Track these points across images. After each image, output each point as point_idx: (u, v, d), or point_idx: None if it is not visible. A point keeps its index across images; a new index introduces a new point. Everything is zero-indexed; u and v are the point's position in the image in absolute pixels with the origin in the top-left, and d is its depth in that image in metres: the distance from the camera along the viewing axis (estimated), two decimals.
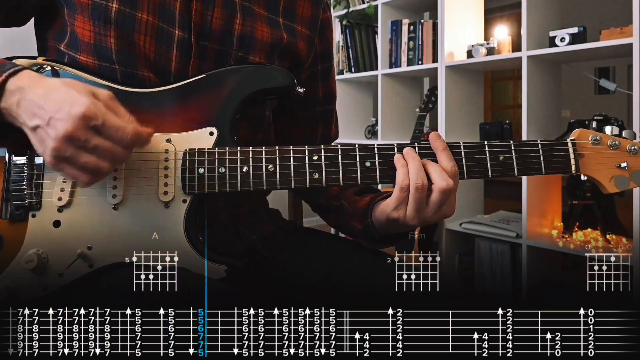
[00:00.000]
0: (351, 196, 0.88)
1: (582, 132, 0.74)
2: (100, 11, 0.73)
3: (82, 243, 0.68)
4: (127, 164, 0.70)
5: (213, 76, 0.74)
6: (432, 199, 0.70)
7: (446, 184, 0.69)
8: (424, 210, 0.71)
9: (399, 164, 0.71)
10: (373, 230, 0.79)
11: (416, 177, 0.69)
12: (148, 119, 0.71)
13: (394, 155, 0.72)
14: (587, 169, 0.74)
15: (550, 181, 2.36)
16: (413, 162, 0.70)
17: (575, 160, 0.73)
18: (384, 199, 0.78)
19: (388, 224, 0.75)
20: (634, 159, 0.74)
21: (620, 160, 0.74)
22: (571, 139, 0.74)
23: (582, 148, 0.74)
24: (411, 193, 0.70)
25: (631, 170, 0.74)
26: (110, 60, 0.74)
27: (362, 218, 0.81)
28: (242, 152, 0.71)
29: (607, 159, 0.74)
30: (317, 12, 0.91)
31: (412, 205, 0.70)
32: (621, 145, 0.74)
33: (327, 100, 0.98)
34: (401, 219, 0.72)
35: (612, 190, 0.74)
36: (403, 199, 0.71)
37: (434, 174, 0.70)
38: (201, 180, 0.70)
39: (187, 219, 0.70)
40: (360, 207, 0.84)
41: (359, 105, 3.28)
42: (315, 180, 0.71)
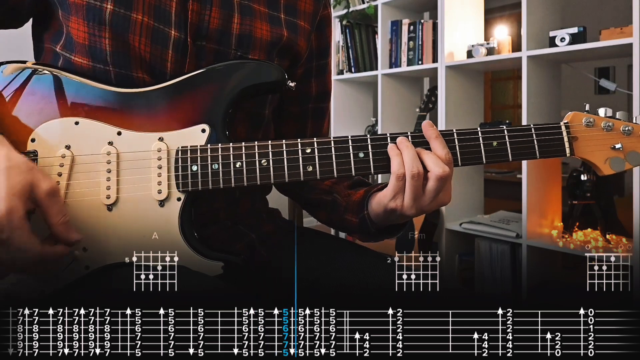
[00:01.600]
0: (344, 190, 0.87)
1: (576, 114, 0.74)
2: (94, 12, 0.72)
3: (77, 245, 0.68)
4: (121, 164, 0.70)
5: (203, 74, 0.74)
6: (428, 186, 0.70)
7: (442, 170, 0.69)
8: (421, 199, 0.71)
9: (393, 153, 0.71)
10: (369, 223, 0.79)
11: (411, 165, 0.69)
12: (140, 119, 0.71)
13: (387, 145, 0.72)
14: (582, 151, 0.74)
15: (551, 181, 2.36)
16: (407, 150, 0.70)
17: (569, 143, 0.73)
18: (379, 190, 0.78)
19: (385, 215, 0.75)
20: (628, 139, 0.73)
21: (614, 141, 0.73)
22: (564, 121, 0.74)
23: (575, 130, 0.74)
24: (407, 181, 0.70)
25: (626, 151, 0.73)
26: (104, 62, 0.74)
27: (358, 211, 0.81)
28: (234, 148, 0.71)
29: (601, 141, 0.73)
30: (318, 7, 0.91)
31: (409, 194, 0.70)
32: (615, 127, 0.74)
33: (321, 97, 0.97)
34: (399, 208, 0.72)
35: (608, 171, 0.73)
36: (400, 188, 0.71)
37: (429, 162, 0.70)
38: (195, 177, 0.70)
39: (182, 216, 0.70)
40: (354, 200, 0.83)
41: (359, 105, 3.28)
42: (309, 173, 0.71)
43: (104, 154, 0.70)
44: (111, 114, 0.72)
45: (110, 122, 0.71)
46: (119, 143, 0.71)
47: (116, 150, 0.70)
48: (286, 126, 0.97)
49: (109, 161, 0.70)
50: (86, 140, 0.70)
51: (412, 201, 0.71)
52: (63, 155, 0.70)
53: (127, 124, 0.71)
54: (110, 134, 0.71)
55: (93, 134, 0.71)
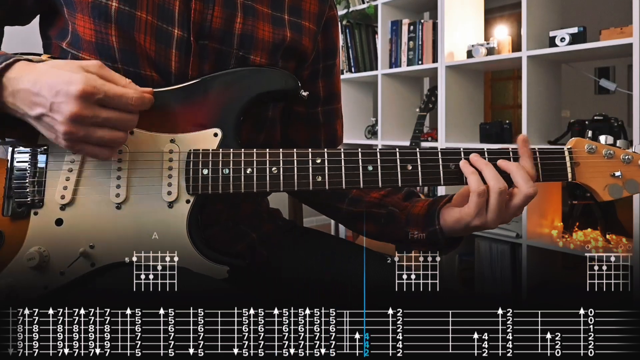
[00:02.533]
0: (399, 202, 0.87)
1: (579, 140, 0.76)
2: (100, 10, 0.73)
3: (84, 242, 0.68)
4: (131, 163, 0.70)
5: (218, 77, 0.74)
6: (514, 202, 0.72)
7: (533, 190, 0.71)
8: (504, 214, 0.73)
9: (468, 171, 0.72)
10: (440, 237, 0.79)
11: (496, 182, 0.71)
12: (153, 119, 0.71)
13: (395, 159, 0.73)
14: (583, 177, 0.76)
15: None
16: (488, 168, 0.72)
17: (571, 168, 0.75)
18: (446, 203, 0.79)
19: (466, 231, 0.76)
20: (627, 168, 0.75)
21: (614, 169, 0.75)
22: (568, 147, 0.76)
23: (578, 156, 0.76)
24: (493, 198, 0.71)
25: (625, 179, 0.75)
26: (112, 59, 0.74)
27: (425, 225, 0.81)
28: (246, 154, 0.71)
29: (602, 168, 0.76)
30: (323, 8, 0.90)
31: (494, 210, 0.72)
32: (615, 155, 0.76)
33: (330, 99, 0.96)
34: (483, 224, 0.73)
35: (606, 198, 0.75)
36: (482, 204, 0.72)
37: (519, 179, 0.71)
38: (205, 181, 0.70)
39: (190, 219, 0.70)
40: (416, 213, 0.83)
41: (359, 105, 3.28)
42: (318, 183, 0.71)
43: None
44: None
45: None
46: (130, 142, 0.71)
47: (127, 149, 0.70)
48: (296, 130, 0.95)
49: (120, 160, 0.70)
50: None
51: (496, 217, 0.72)
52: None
53: (139, 123, 0.71)
54: None
55: None
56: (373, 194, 0.90)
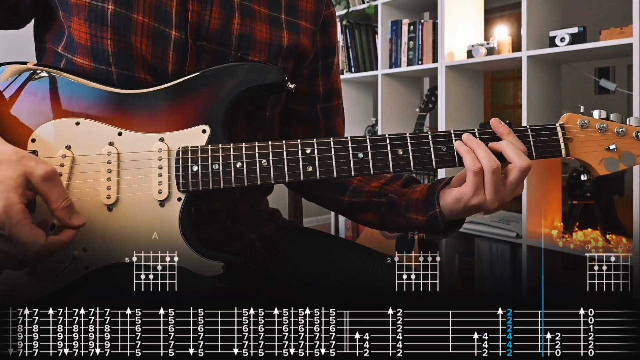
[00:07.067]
0: (399, 189, 0.87)
1: (571, 116, 0.76)
2: (96, 13, 0.72)
3: (77, 245, 0.68)
4: (121, 164, 0.70)
5: (204, 75, 0.74)
6: (510, 179, 0.72)
7: (526, 163, 0.71)
8: (502, 191, 0.73)
9: (463, 150, 0.72)
10: (440, 220, 0.79)
11: (489, 160, 0.71)
12: (140, 119, 0.71)
13: (385, 146, 0.73)
14: (577, 152, 0.75)
15: (550, 181, 2.36)
16: (480, 146, 0.72)
17: (564, 144, 0.75)
18: (445, 186, 0.79)
19: (465, 211, 0.76)
20: (622, 140, 0.75)
21: (609, 142, 0.75)
22: (560, 123, 0.75)
23: (571, 132, 0.75)
24: (487, 177, 0.71)
25: (620, 152, 0.75)
26: (106, 63, 0.74)
27: (425, 209, 0.81)
28: (235, 148, 0.71)
29: (596, 142, 0.75)
30: (320, 7, 0.90)
31: (490, 188, 0.72)
32: (609, 128, 0.75)
33: (329, 97, 0.96)
34: (482, 203, 0.73)
35: (603, 172, 0.75)
36: (479, 183, 0.72)
37: (511, 154, 0.72)
38: (195, 177, 0.70)
39: (183, 217, 0.70)
40: (416, 198, 0.83)
41: (359, 105, 3.28)
42: (308, 174, 0.71)
43: (105, 154, 0.70)
44: (112, 114, 0.72)
45: (111, 123, 0.71)
46: (119, 143, 0.71)
47: (117, 151, 0.70)
48: (297, 129, 0.95)
49: (110, 161, 0.70)
50: (87, 140, 0.70)
51: (494, 195, 0.72)
52: (63, 156, 0.70)
53: (127, 124, 0.71)
54: (111, 135, 0.71)
55: (94, 134, 0.71)
56: (373, 184, 0.90)
